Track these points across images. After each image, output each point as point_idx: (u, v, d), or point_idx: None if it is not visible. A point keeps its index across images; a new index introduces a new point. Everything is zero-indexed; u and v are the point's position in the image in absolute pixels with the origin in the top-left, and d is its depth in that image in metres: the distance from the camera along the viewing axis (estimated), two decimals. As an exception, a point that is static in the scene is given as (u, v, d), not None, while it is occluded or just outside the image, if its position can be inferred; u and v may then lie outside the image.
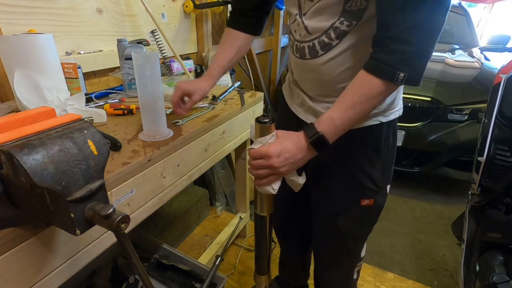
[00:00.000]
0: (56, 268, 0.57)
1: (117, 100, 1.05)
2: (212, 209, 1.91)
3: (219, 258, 1.11)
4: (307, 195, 0.89)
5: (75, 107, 0.84)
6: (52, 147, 0.40)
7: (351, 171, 0.76)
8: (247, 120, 1.23)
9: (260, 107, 1.33)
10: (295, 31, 0.71)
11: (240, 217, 1.59)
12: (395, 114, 0.73)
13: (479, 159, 1.15)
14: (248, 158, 0.64)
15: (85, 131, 0.44)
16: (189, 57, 1.64)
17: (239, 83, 1.39)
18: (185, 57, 1.60)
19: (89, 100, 1.00)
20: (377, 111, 0.70)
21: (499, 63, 2.01)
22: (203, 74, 0.91)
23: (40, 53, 0.78)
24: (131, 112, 0.94)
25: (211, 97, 1.16)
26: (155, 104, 0.75)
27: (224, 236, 1.50)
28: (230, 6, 1.70)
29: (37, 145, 0.38)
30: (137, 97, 0.76)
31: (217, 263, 1.09)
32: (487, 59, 2.50)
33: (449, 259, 1.63)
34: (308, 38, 0.68)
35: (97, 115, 0.87)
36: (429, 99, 1.94)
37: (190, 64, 1.56)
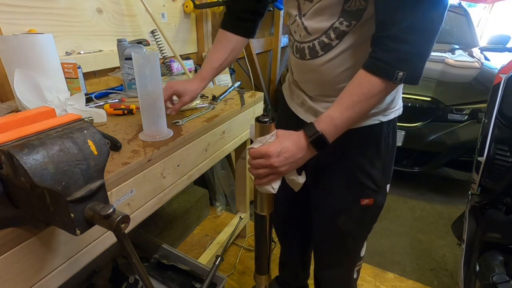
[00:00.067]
0: (56, 268, 0.57)
1: (117, 100, 1.05)
2: (212, 209, 1.91)
3: (219, 258, 1.11)
4: (307, 194, 0.89)
5: (75, 107, 0.83)
6: (52, 147, 0.40)
7: (351, 170, 0.76)
8: (247, 120, 1.23)
9: (260, 107, 1.33)
10: (295, 32, 0.71)
11: (240, 217, 1.59)
12: (395, 113, 0.73)
13: (479, 159, 1.15)
14: (248, 157, 0.64)
15: (85, 131, 0.44)
16: (189, 57, 1.64)
17: (239, 83, 1.39)
18: (185, 57, 1.60)
19: (89, 100, 1.00)
20: (376, 111, 0.70)
21: (499, 63, 2.01)
22: (195, 75, 0.91)
23: (40, 53, 0.78)
24: (131, 112, 0.94)
25: (211, 97, 1.16)
26: (155, 104, 0.75)
27: (224, 236, 1.50)
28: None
29: (37, 145, 0.38)
30: (137, 97, 0.76)
31: (217, 263, 1.09)
32: (487, 59, 2.50)
33: (449, 259, 1.63)
34: (308, 38, 0.68)
35: (97, 115, 0.87)
36: (429, 99, 1.93)
37: (190, 64, 1.56)
